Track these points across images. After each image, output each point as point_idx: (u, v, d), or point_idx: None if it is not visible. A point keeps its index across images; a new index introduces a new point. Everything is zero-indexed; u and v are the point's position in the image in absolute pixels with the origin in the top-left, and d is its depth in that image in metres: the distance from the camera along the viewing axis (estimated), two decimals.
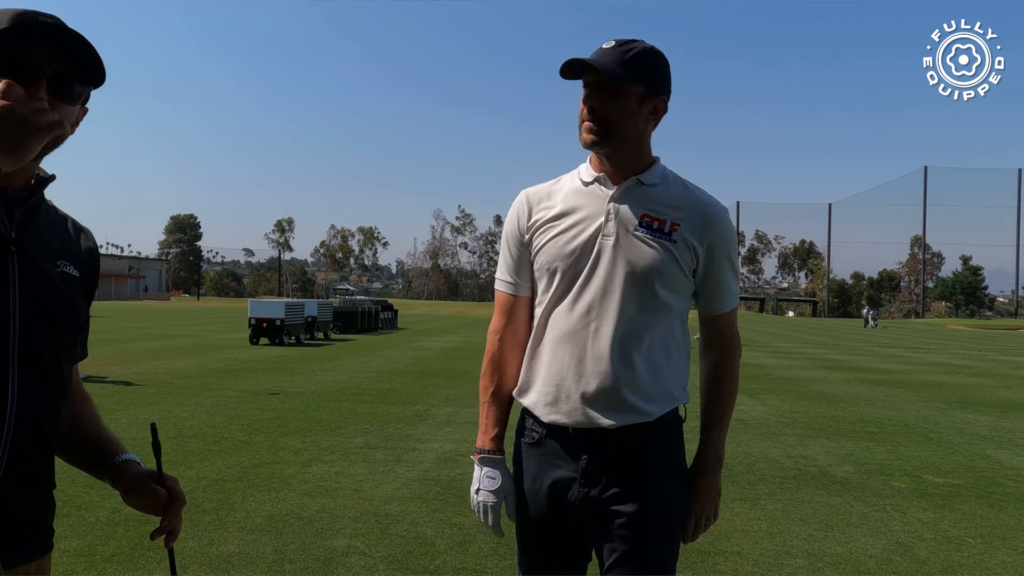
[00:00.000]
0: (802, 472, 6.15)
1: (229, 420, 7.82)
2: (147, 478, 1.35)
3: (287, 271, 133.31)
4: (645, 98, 1.70)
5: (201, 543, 4.07)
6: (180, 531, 1.37)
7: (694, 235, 1.72)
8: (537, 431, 1.79)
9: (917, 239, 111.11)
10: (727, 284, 1.81)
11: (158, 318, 35.26)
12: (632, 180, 1.75)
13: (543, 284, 1.79)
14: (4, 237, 1.15)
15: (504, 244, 1.89)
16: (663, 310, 1.73)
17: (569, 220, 1.76)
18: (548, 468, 1.76)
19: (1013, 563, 4.16)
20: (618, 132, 1.70)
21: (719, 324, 1.84)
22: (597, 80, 1.67)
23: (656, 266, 1.69)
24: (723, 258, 1.77)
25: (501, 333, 1.86)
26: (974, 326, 63.80)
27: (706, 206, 1.76)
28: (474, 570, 3.82)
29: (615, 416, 1.70)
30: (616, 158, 1.74)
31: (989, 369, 17.95)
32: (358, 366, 14.06)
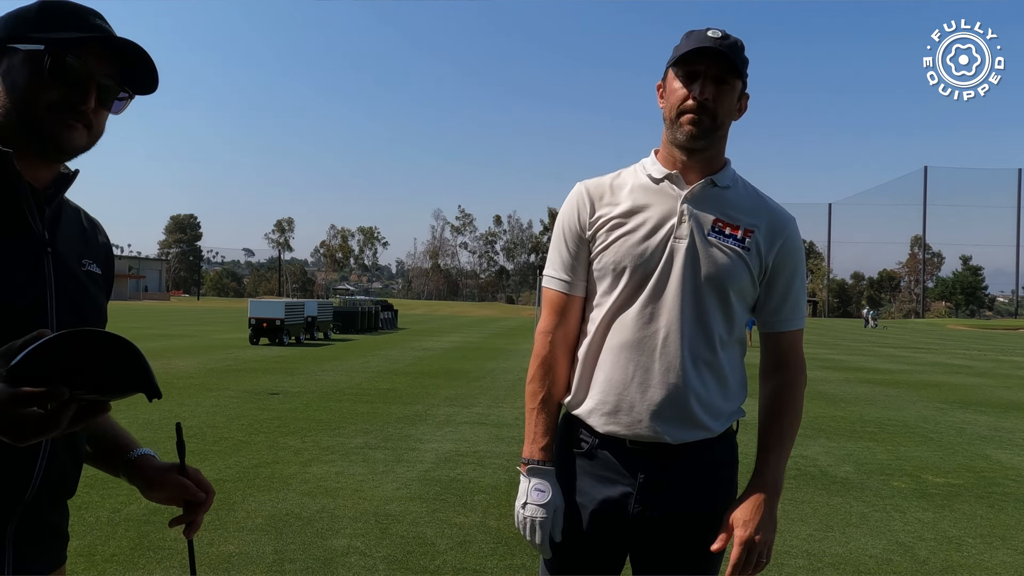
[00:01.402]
0: (802, 472, 6.15)
1: (229, 420, 7.82)
2: (170, 471, 1.33)
3: (287, 271, 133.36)
4: (742, 94, 1.65)
5: (201, 543, 4.07)
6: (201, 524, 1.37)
7: (765, 243, 1.65)
8: (588, 441, 1.67)
9: (917, 239, 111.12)
10: (795, 299, 1.71)
11: (158, 318, 35.27)
12: (706, 181, 1.65)
13: (605, 285, 1.67)
14: (40, 238, 1.13)
15: (559, 239, 1.74)
16: (735, 320, 1.65)
17: (638, 218, 1.64)
18: (600, 482, 1.65)
19: (1013, 563, 4.16)
20: (721, 127, 1.62)
21: (785, 344, 1.73)
22: (715, 73, 1.57)
23: (732, 274, 1.61)
24: (792, 270, 1.69)
25: (552, 335, 1.71)
26: (974, 326, 63.81)
27: (778, 214, 1.69)
28: (474, 570, 3.82)
29: (681, 432, 1.60)
30: (701, 155, 1.64)
31: (989, 369, 17.96)
32: (358, 366, 14.06)
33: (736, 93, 1.62)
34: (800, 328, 1.74)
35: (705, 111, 1.57)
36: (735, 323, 1.65)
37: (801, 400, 1.75)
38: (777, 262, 1.66)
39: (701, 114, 1.58)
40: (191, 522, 1.32)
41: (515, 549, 4.11)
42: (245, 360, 14.62)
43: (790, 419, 1.73)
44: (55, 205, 1.18)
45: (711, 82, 1.57)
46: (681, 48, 1.60)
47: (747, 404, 1.74)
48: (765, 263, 1.65)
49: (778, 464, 1.68)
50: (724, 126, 1.63)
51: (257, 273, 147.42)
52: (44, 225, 1.14)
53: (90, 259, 1.24)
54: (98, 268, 1.26)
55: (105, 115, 1.18)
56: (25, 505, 1.10)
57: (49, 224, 1.16)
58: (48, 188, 1.17)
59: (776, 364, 1.74)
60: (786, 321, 1.72)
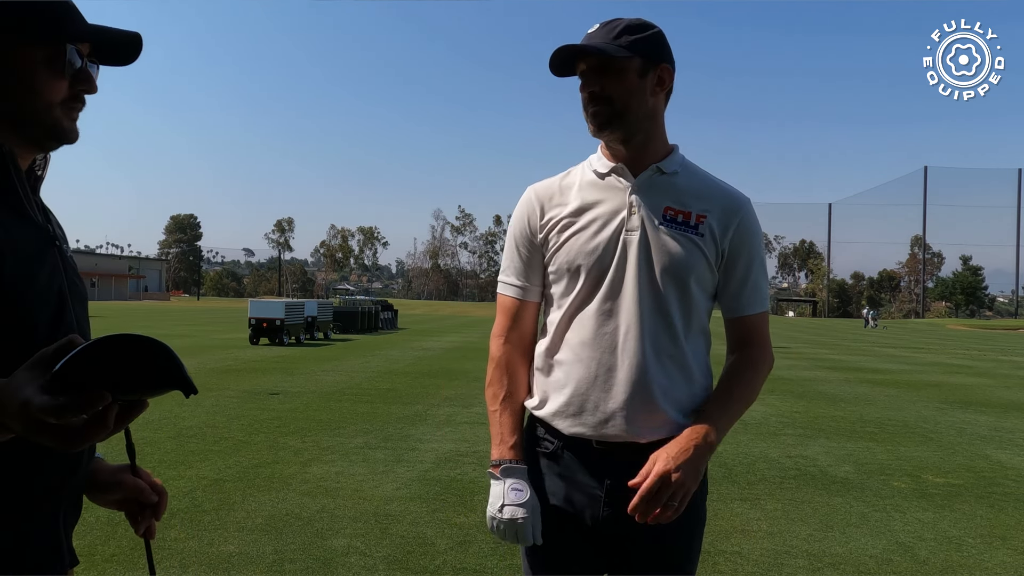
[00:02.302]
0: (802, 472, 6.15)
1: (229, 420, 7.82)
2: (121, 472, 1.31)
3: (287, 271, 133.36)
4: (645, 70, 1.58)
5: (201, 543, 4.07)
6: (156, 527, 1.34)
7: (719, 227, 1.61)
8: (552, 442, 1.65)
9: (917, 239, 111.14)
10: (754, 282, 1.67)
11: (158, 318, 35.26)
12: (652, 169, 1.62)
13: (562, 286, 1.65)
14: (45, 231, 1.13)
15: (511, 246, 1.74)
16: (695, 310, 1.61)
17: (588, 216, 1.63)
18: (567, 485, 1.62)
19: (1013, 563, 4.16)
20: (626, 112, 1.58)
21: (747, 328, 1.68)
22: (593, 64, 1.57)
23: (687, 262, 1.58)
24: (749, 252, 1.65)
25: (507, 337, 1.71)
26: (974, 326, 63.81)
27: (731, 196, 1.65)
28: (474, 570, 3.82)
29: (649, 429, 1.57)
30: (631, 143, 1.62)
31: (989, 369, 17.94)
32: (358, 366, 14.06)
33: (630, 73, 1.56)
34: (762, 311, 1.70)
35: (598, 101, 1.57)
36: (696, 313, 1.62)
37: (758, 379, 1.67)
38: (733, 246, 1.63)
39: (596, 105, 1.57)
40: (148, 524, 1.31)
41: (515, 549, 4.11)
42: (245, 360, 14.61)
43: (741, 391, 1.65)
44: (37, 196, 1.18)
45: (593, 74, 1.57)
46: (551, 62, 1.60)
47: None
48: (721, 248, 1.61)
49: (718, 422, 1.57)
50: (631, 109, 1.58)
51: (257, 273, 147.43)
52: (43, 219, 1.14)
53: (66, 243, 1.25)
54: (70, 251, 1.26)
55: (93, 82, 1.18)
56: (73, 489, 1.12)
57: (43, 216, 1.15)
58: (30, 178, 1.16)
59: (739, 346, 1.70)
60: (747, 305, 1.67)
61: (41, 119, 1.10)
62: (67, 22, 1.11)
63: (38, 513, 1.09)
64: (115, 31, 1.15)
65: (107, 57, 1.18)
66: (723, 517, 4.78)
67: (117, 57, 1.19)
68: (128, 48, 1.18)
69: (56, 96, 1.10)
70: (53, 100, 1.09)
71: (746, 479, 5.81)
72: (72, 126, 1.13)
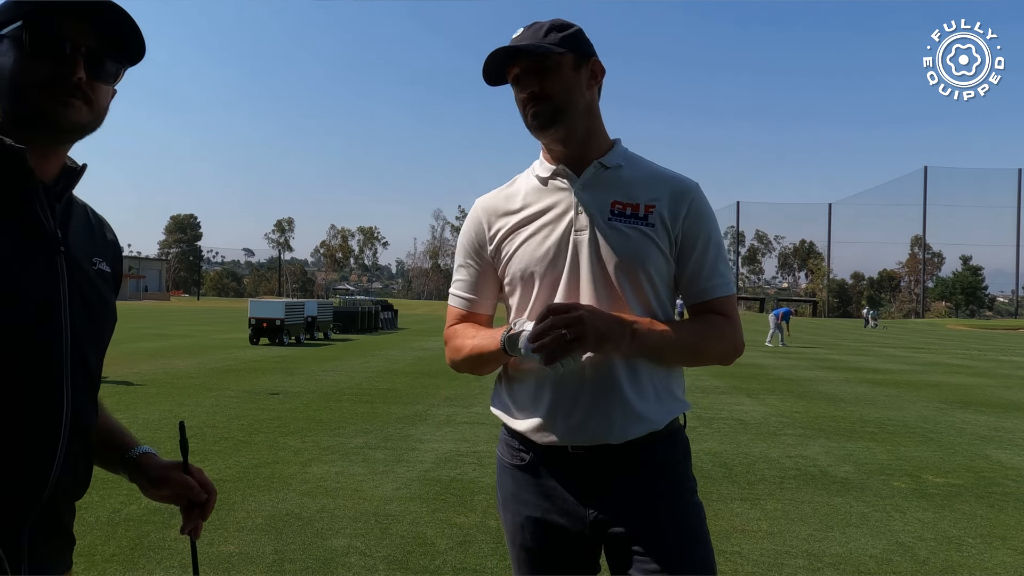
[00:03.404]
0: (802, 472, 6.14)
1: (229, 420, 7.82)
2: (173, 469, 1.33)
3: (287, 271, 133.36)
4: (578, 65, 1.58)
5: (201, 543, 4.07)
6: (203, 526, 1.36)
7: (670, 214, 1.58)
8: (527, 453, 1.63)
9: (917, 239, 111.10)
10: (711, 265, 1.61)
11: (158, 318, 35.26)
12: (594, 165, 1.61)
13: (518, 295, 1.63)
14: (52, 236, 1.10)
15: (460, 258, 1.73)
16: (655, 303, 1.59)
17: (536, 222, 1.61)
18: (548, 497, 1.60)
19: (1013, 563, 4.16)
20: (567, 107, 1.56)
21: (712, 314, 1.62)
22: (527, 66, 1.56)
23: (639, 255, 1.55)
24: (705, 235, 1.61)
25: (456, 322, 1.73)
26: (974, 326, 63.79)
27: (679, 182, 1.62)
28: (474, 570, 3.82)
29: (623, 428, 1.54)
30: (572, 141, 1.60)
31: (989, 369, 17.95)
32: (358, 366, 14.06)
33: (565, 68, 1.56)
34: (726, 295, 1.63)
35: (537, 100, 1.55)
36: (655, 306, 1.59)
37: (714, 336, 1.59)
38: (686, 230, 1.59)
39: (536, 105, 1.55)
40: (195, 524, 1.32)
41: None
42: (245, 360, 14.61)
43: (688, 328, 1.58)
44: (65, 202, 1.15)
45: (529, 75, 1.55)
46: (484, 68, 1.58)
47: (691, 396, 1.70)
48: (674, 235, 1.58)
49: (649, 324, 1.53)
50: (571, 104, 1.56)
51: (257, 273, 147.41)
52: (56, 223, 1.11)
53: (99, 257, 1.21)
54: (107, 266, 1.23)
55: (104, 90, 1.14)
56: (42, 504, 1.09)
57: (60, 222, 1.12)
58: (57, 183, 1.14)
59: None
60: (708, 289, 1.61)
61: (21, 100, 1.07)
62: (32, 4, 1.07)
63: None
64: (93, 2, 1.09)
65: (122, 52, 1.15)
66: (723, 517, 4.78)
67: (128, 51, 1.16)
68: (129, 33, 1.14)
69: (32, 77, 1.06)
70: (28, 81, 1.06)
71: (746, 479, 5.81)
72: (57, 109, 1.07)
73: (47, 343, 1.07)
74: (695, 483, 1.66)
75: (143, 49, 1.17)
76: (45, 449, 1.07)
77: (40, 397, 1.06)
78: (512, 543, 1.68)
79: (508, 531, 1.69)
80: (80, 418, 1.12)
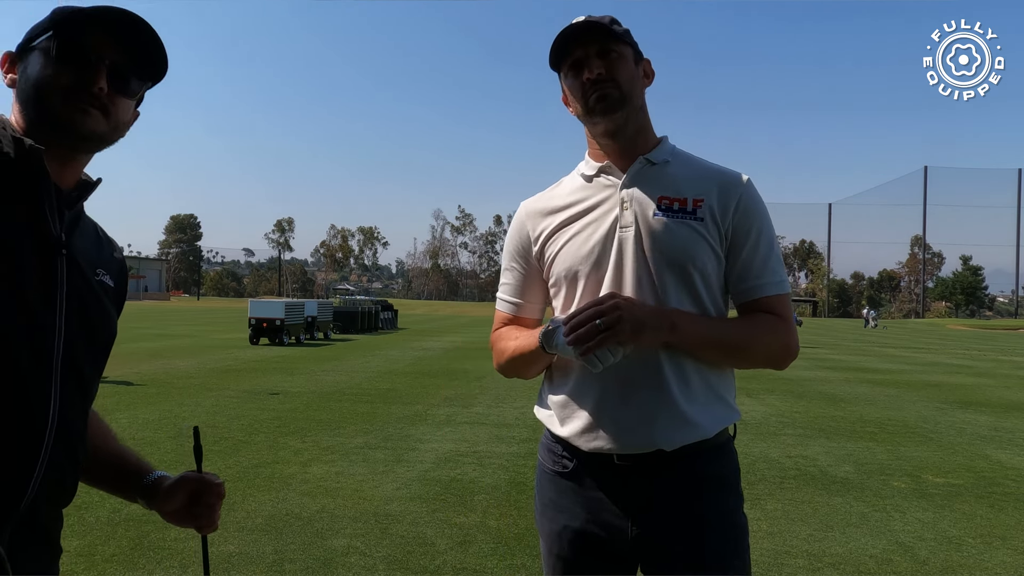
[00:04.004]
0: (802, 472, 6.14)
1: (229, 420, 7.82)
2: (183, 475, 1.34)
3: (287, 271, 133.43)
4: (637, 60, 1.57)
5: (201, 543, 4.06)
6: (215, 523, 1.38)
7: (719, 208, 1.52)
8: (571, 460, 1.56)
9: (917, 239, 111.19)
10: (762, 261, 1.53)
11: (158, 318, 35.26)
12: (640, 161, 1.56)
13: (563, 296, 1.58)
14: (55, 239, 1.10)
15: (506, 262, 1.71)
16: (705, 300, 1.52)
17: (581, 221, 1.57)
18: (590, 507, 1.53)
19: (1013, 563, 4.16)
20: (629, 97, 1.52)
21: (763, 312, 1.54)
22: (595, 50, 1.51)
23: (688, 251, 1.48)
24: (757, 229, 1.53)
25: (502, 326, 1.70)
26: (974, 326, 63.79)
27: (727, 175, 1.57)
28: (474, 570, 3.82)
29: (671, 435, 1.47)
30: (624, 134, 1.56)
31: (989, 369, 17.95)
32: (358, 366, 14.06)
33: (629, 60, 1.54)
34: (780, 294, 1.55)
35: (604, 83, 1.50)
36: (706, 305, 1.52)
37: (766, 332, 1.53)
38: (736, 224, 1.52)
39: (602, 87, 1.50)
40: (208, 519, 1.33)
41: (515, 549, 4.11)
42: (245, 360, 14.62)
43: (740, 322, 1.54)
44: (75, 211, 1.16)
45: (597, 58, 1.51)
46: (552, 48, 1.56)
47: (742, 404, 1.68)
48: (724, 230, 1.52)
49: (694, 316, 1.49)
50: (634, 95, 1.54)
51: (257, 273, 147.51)
52: (62, 227, 1.11)
53: (104, 270, 1.21)
54: (111, 281, 1.23)
55: (125, 104, 1.15)
56: (22, 511, 1.07)
57: (67, 227, 1.13)
58: (71, 192, 1.15)
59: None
60: (759, 287, 1.53)
61: (45, 107, 1.09)
62: (64, 18, 1.11)
63: None
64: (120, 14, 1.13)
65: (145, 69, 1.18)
66: None
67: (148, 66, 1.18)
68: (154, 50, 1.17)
69: (57, 85, 1.09)
70: (54, 88, 1.09)
71: (746, 479, 5.78)
72: (75, 116, 1.09)
73: (38, 343, 1.05)
74: (742, 499, 1.60)
75: (165, 69, 1.20)
76: (27, 452, 1.04)
77: (25, 397, 1.04)
78: (548, 551, 1.62)
79: (544, 538, 1.63)
80: (67, 424, 1.10)
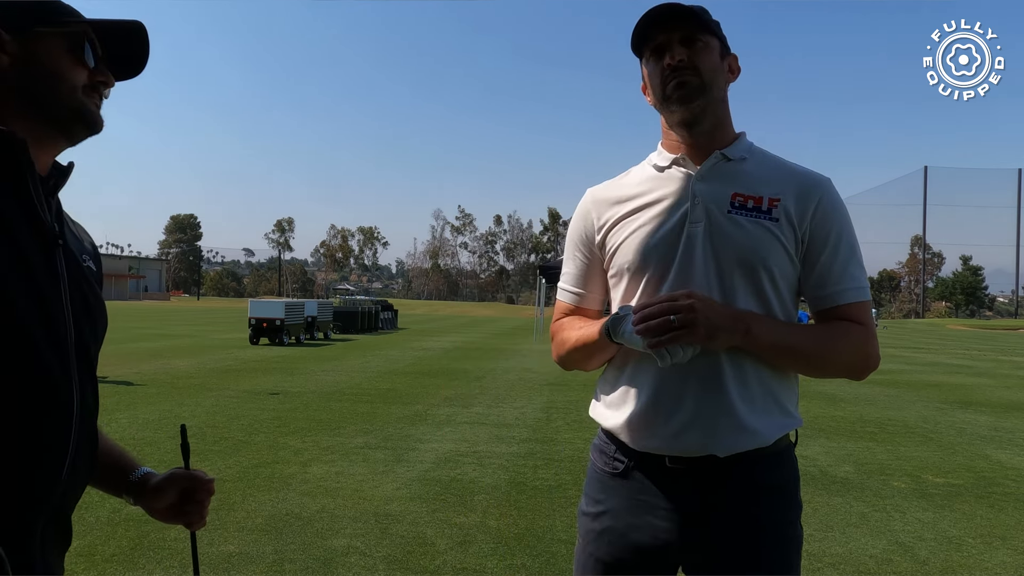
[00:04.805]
0: (802, 472, 6.10)
1: (229, 420, 7.82)
2: (172, 472, 1.34)
3: (287, 271, 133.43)
4: (724, 54, 1.51)
5: (201, 543, 4.07)
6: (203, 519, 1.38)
7: (797, 210, 1.45)
8: (622, 460, 1.51)
9: (917, 239, 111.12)
10: (842, 266, 1.46)
11: (158, 318, 35.26)
12: (715, 156, 1.49)
13: (623, 288, 1.52)
14: (51, 230, 1.10)
15: (569, 251, 1.65)
16: (775, 303, 1.46)
17: (648, 212, 1.50)
18: (639, 508, 1.48)
19: (1013, 563, 4.16)
20: (711, 87, 1.46)
21: (843, 320, 1.48)
22: (680, 36, 1.46)
23: (759, 251, 1.42)
24: (836, 233, 1.47)
25: (563, 317, 1.65)
26: (974, 326, 63.80)
27: (807, 176, 1.50)
28: (474, 570, 3.82)
29: (727, 440, 1.41)
30: (702, 126, 1.49)
31: (989, 369, 17.95)
32: (358, 366, 14.06)
33: (714, 51, 1.48)
34: (860, 301, 1.48)
35: (685, 70, 1.45)
36: (774, 308, 1.46)
37: (844, 339, 1.47)
38: (815, 227, 1.46)
39: (683, 75, 1.45)
40: (198, 515, 1.34)
41: (515, 549, 4.11)
42: (245, 360, 14.61)
43: (818, 330, 1.48)
44: (56, 199, 1.16)
45: (680, 45, 1.46)
46: (635, 32, 1.50)
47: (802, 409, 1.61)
48: (800, 232, 1.45)
49: (770, 320, 1.44)
50: (715, 86, 1.48)
51: (257, 273, 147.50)
52: (52, 217, 1.12)
53: (87, 256, 1.22)
54: (94, 266, 1.24)
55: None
56: (55, 500, 1.08)
57: (55, 216, 1.13)
58: (48, 180, 1.15)
59: None
60: (838, 294, 1.47)
61: (67, 101, 1.12)
62: (78, 14, 1.16)
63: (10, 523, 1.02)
64: (120, 21, 1.18)
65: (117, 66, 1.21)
66: None
67: (126, 63, 1.22)
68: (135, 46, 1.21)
69: (79, 80, 1.13)
70: (76, 83, 1.12)
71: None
72: (97, 112, 1.15)
73: (56, 334, 1.07)
74: (800, 508, 1.53)
75: (140, 71, 1.24)
76: (59, 440, 1.06)
77: (53, 387, 1.05)
78: (583, 548, 1.57)
79: (583, 535, 1.58)
80: (87, 410, 1.13)
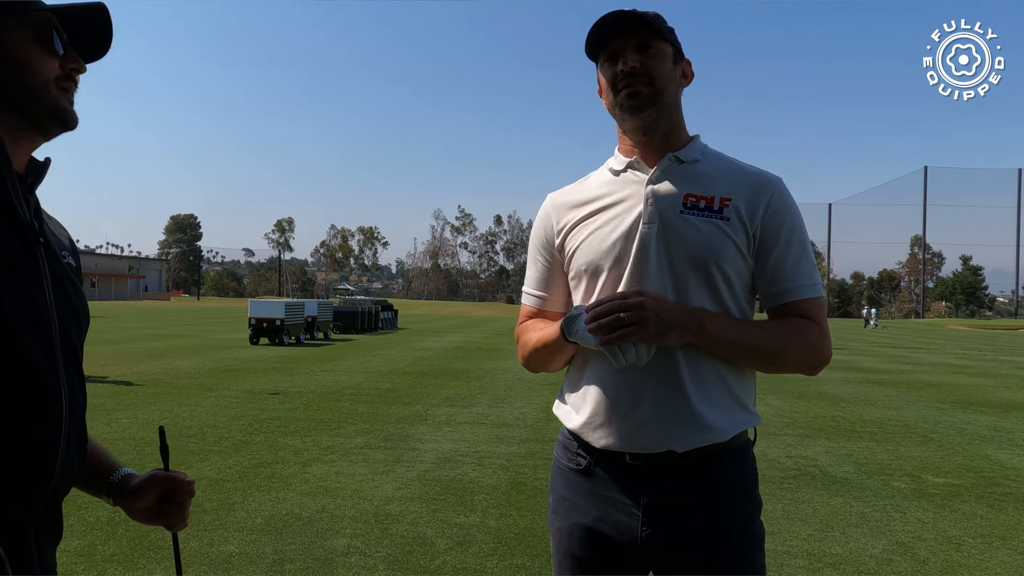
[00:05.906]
0: (802, 472, 6.14)
1: (229, 420, 7.82)
2: (152, 473, 1.32)
3: (287, 271, 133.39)
4: (677, 59, 1.55)
5: (201, 543, 4.07)
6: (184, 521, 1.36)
7: (747, 209, 1.48)
8: (585, 457, 1.55)
9: (917, 239, 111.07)
10: (794, 263, 1.50)
11: (158, 318, 35.25)
12: (669, 158, 1.53)
13: (583, 289, 1.57)
14: (32, 228, 1.09)
15: (531, 255, 1.71)
16: (728, 301, 1.49)
17: (604, 215, 1.55)
18: (601, 505, 1.52)
19: (1013, 563, 4.16)
20: (663, 93, 1.50)
21: (796, 316, 1.51)
22: (633, 43, 1.49)
23: (711, 249, 1.46)
24: (787, 230, 1.50)
25: (527, 320, 1.70)
26: (974, 326, 63.75)
27: (758, 176, 1.54)
28: (474, 570, 3.82)
29: (684, 436, 1.44)
30: (654, 132, 1.53)
31: (989, 369, 17.95)
32: (358, 366, 14.06)
33: (668, 57, 1.52)
34: (813, 297, 1.51)
35: (637, 76, 1.48)
36: (728, 306, 1.49)
37: (798, 336, 1.49)
38: (766, 225, 1.49)
39: (635, 84, 1.48)
40: (179, 516, 1.32)
41: (515, 549, 4.11)
42: (245, 360, 14.61)
43: (769, 325, 1.50)
44: (34, 195, 1.15)
45: (633, 51, 1.49)
46: (589, 36, 1.53)
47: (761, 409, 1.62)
48: (752, 230, 1.49)
49: (722, 316, 1.47)
50: (667, 92, 1.51)
51: (257, 273, 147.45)
52: (32, 214, 1.10)
53: (67, 252, 1.21)
54: (73, 261, 1.23)
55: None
56: (50, 493, 1.08)
57: (35, 214, 1.12)
58: (27, 176, 1.13)
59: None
60: (791, 290, 1.50)
61: (40, 96, 1.10)
62: (40, 2, 1.12)
63: (5, 520, 1.02)
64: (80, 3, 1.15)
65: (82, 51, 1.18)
66: None
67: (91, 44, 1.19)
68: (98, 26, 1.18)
69: (51, 73, 1.10)
70: (48, 77, 1.10)
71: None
72: (70, 108, 1.13)
73: (43, 331, 1.07)
74: (760, 506, 1.57)
75: (106, 51, 1.21)
76: (51, 436, 1.06)
77: (43, 384, 1.05)
78: (557, 548, 1.61)
79: (555, 535, 1.62)
80: (75, 405, 1.12)
